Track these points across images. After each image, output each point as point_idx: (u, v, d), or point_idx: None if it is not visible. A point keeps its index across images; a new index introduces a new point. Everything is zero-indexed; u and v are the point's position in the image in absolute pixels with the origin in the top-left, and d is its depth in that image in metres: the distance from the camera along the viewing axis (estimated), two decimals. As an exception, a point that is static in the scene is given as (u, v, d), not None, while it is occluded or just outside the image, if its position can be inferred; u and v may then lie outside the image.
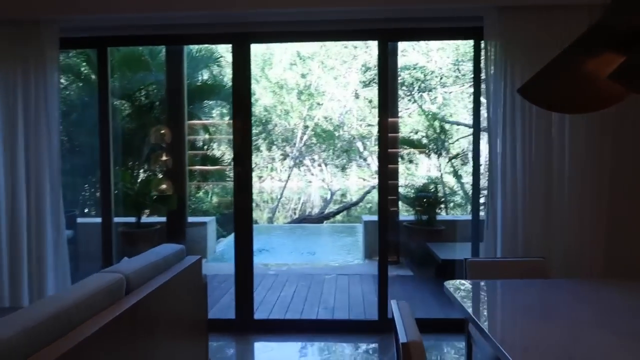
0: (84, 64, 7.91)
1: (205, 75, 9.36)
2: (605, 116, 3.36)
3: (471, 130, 11.41)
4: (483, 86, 3.66)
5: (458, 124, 10.83)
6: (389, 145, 3.91)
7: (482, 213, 4.05)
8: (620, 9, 1.88)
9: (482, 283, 2.73)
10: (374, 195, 13.96)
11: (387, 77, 4.03)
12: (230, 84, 10.32)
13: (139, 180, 7.39)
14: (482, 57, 3.60)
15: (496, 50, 3.45)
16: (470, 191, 9.59)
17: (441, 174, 7.75)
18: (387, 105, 4.02)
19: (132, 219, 6.41)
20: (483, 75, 3.63)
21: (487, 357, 2.56)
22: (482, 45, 3.61)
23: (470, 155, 11.68)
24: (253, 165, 4.19)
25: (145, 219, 6.63)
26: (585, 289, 2.61)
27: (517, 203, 3.49)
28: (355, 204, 13.79)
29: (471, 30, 3.72)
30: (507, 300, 2.45)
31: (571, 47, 2.03)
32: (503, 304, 2.43)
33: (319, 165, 14.94)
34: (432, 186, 7.25)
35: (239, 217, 4.07)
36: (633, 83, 1.68)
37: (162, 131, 7.21)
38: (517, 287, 2.61)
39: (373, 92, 11.90)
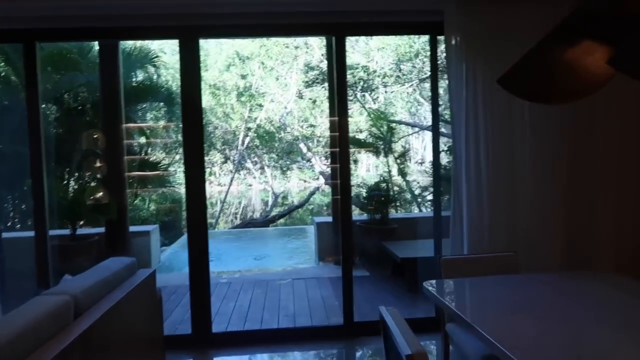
0: (2, 63, 7.20)
1: (139, 76, 8.84)
2: (563, 114, 3.41)
3: (413, 129, 11.60)
4: (443, 82, 3.61)
5: (400, 122, 10.96)
6: (338, 145, 3.79)
7: (425, 209, 4.03)
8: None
9: (460, 281, 2.65)
10: (316, 197, 13.87)
11: (344, 74, 3.88)
12: (167, 85, 9.77)
13: (70, 189, 6.82)
14: (442, 53, 3.55)
15: (457, 44, 3.39)
16: (417, 189, 9.75)
17: (389, 172, 7.75)
18: (346, 104, 3.87)
19: (66, 231, 5.87)
20: (441, 70, 3.58)
21: (469, 356, 2.47)
22: (442, 39, 3.55)
23: (411, 153, 11.91)
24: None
25: (80, 230, 6.09)
26: (564, 282, 2.59)
27: (482, 199, 3.46)
28: (301, 205, 13.64)
29: (429, 25, 3.65)
30: (492, 298, 2.37)
31: (549, 37, 1.98)
32: (489, 301, 2.34)
33: (261, 168, 14.65)
34: (383, 185, 7.22)
35: (193, 224, 3.77)
36: (632, 69, 1.62)
37: (96, 136, 6.70)
38: (497, 283, 2.55)
39: (315, 93, 11.79)
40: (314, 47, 11.26)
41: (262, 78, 12.75)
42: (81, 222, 6.28)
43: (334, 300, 4.93)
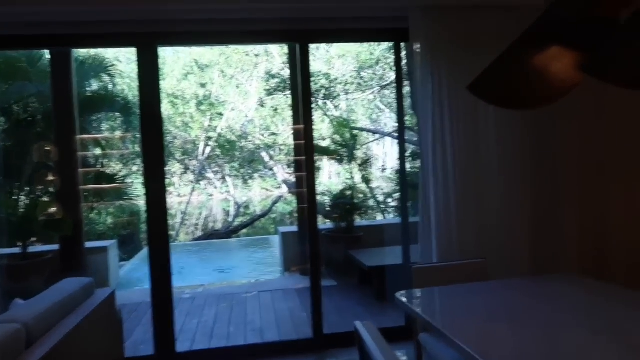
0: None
1: (94, 85, 8.53)
2: (527, 118, 3.46)
3: (375, 136, 11.66)
4: (407, 89, 3.61)
5: (363, 130, 11.01)
6: (302, 153, 3.74)
7: (388, 216, 4.02)
8: (570, 3, 1.86)
9: (432, 290, 2.63)
10: (279, 205, 13.73)
11: (309, 82, 3.84)
12: (123, 94, 9.47)
13: (21, 204, 6.45)
14: (405, 59, 3.55)
15: (422, 50, 3.40)
16: (380, 196, 9.78)
17: (353, 179, 7.75)
18: (310, 111, 3.83)
19: (16, 250, 5.53)
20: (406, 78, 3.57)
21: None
22: (405, 46, 3.56)
23: (374, 160, 11.97)
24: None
25: (32, 248, 5.76)
26: (535, 287, 2.60)
27: (450, 205, 3.46)
28: (264, 215, 13.49)
29: (394, 31, 3.64)
30: (465, 306, 2.35)
31: (518, 43, 1.99)
32: (462, 309, 2.32)
33: (222, 177, 14.40)
34: (348, 192, 7.20)
35: (154, 237, 3.61)
36: (605, 74, 1.63)
37: (48, 148, 6.42)
38: (469, 291, 2.54)
39: (276, 101, 11.71)
40: (275, 55, 11.20)
41: (222, 86, 12.58)
42: (33, 240, 5.96)
43: (301, 311, 4.84)
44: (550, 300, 2.36)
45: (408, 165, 3.91)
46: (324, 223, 7.19)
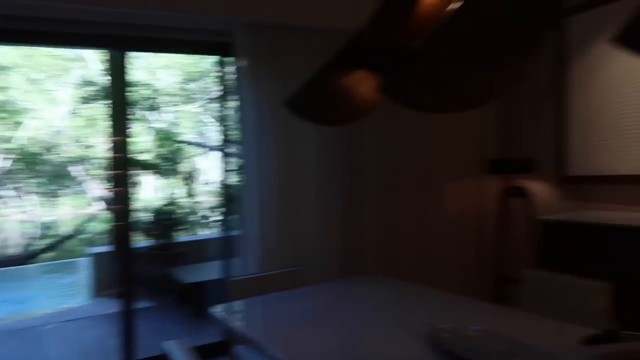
0: None
1: None
2: (342, 135, 3.71)
3: (201, 149, 11.43)
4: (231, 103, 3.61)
5: (189, 143, 10.72)
6: (119, 166, 3.47)
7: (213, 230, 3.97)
8: (372, 30, 2.06)
9: (248, 301, 2.62)
10: (92, 225, 12.50)
11: (127, 92, 3.59)
12: None
13: None
14: (231, 74, 3.55)
15: (246, 66, 3.42)
16: (204, 210, 9.57)
17: (176, 194, 7.44)
18: (128, 123, 3.58)
19: None
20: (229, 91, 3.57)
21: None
22: (231, 61, 3.57)
23: (198, 173, 11.71)
24: None
25: None
26: (344, 289, 2.78)
27: (271, 218, 3.51)
28: (73, 235, 12.15)
29: (219, 45, 3.58)
30: (279, 314, 2.38)
31: (328, 64, 2.13)
32: (276, 317, 2.35)
33: (21, 195, 12.59)
34: (169, 207, 6.87)
35: None
36: (397, 97, 1.81)
37: None
38: (284, 298, 2.59)
39: (92, 110, 10.72)
40: (92, 61, 10.27)
41: (26, 92, 11.06)
42: None
43: (113, 338, 4.41)
44: (356, 300, 2.56)
45: (233, 179, 3.90)
46: (145, 241, 6.73)
